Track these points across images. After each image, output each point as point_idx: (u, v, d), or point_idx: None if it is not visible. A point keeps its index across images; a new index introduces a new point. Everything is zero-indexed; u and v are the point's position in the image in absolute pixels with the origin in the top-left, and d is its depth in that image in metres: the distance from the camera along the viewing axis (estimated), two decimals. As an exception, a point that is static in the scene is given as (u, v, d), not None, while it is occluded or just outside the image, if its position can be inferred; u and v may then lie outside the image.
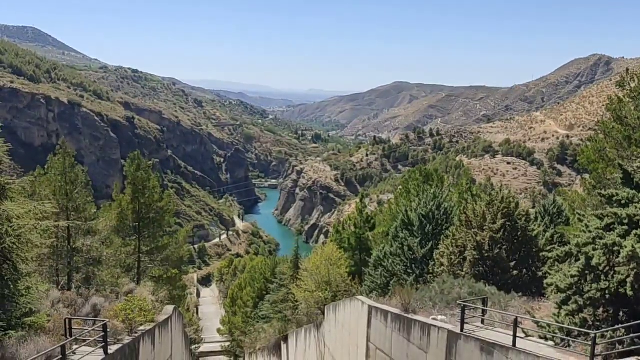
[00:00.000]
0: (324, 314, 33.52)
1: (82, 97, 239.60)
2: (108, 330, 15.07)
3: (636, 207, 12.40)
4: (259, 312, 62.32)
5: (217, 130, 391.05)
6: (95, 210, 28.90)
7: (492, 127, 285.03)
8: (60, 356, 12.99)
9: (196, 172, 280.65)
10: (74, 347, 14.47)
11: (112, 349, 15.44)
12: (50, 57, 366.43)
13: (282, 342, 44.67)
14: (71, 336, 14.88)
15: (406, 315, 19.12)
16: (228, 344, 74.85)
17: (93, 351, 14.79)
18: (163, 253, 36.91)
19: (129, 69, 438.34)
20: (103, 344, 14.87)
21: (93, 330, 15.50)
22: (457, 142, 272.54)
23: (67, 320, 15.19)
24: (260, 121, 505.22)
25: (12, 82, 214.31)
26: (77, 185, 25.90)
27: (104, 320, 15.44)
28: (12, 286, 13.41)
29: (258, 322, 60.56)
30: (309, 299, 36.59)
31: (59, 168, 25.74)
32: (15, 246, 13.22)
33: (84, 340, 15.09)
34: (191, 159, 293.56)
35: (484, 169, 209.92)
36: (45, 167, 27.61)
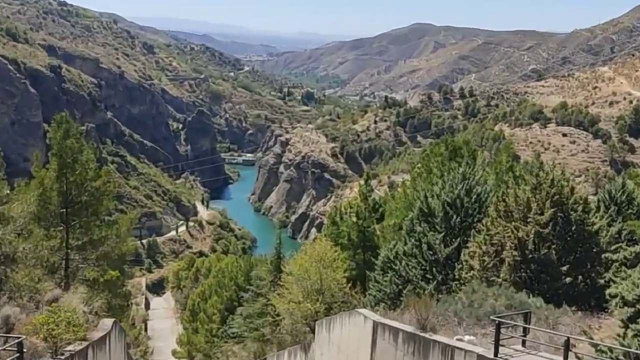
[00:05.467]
0: (313, 332, 33.81)
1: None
2: (24, 350, 15.12)
3: None
4: (228, 329, 62.89)
5: (173, 85, 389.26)
6: (7, 192, 28.79)
7: (543, 86, 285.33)
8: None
9: (145, 141, 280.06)
10: (-22, 372, 14.55)
11: (30, 374, 15.52)
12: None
13: (259, 369, 45.09)
14: (-26, 358, 14.94)
15: (423, 334, 19.31)
16: (187, 371, 75.55)
17: (4, 377, 14.87)
18: (99, 249, 36.86)
19: (55, 1, 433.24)
20: (18, 368, 14.94)
21: (4, 350, 15.55)
22: (497, 105, 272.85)
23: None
24: (232, 74, 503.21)
25: None
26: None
27: (19, 337, 15.48)
28: None
29: (227, 342, 61.13)
30: (294, 312, 36.84)
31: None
32: None
33: (-8, 364, 15.16)
34: (139, 123, 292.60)
35: (531, 143, 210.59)
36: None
